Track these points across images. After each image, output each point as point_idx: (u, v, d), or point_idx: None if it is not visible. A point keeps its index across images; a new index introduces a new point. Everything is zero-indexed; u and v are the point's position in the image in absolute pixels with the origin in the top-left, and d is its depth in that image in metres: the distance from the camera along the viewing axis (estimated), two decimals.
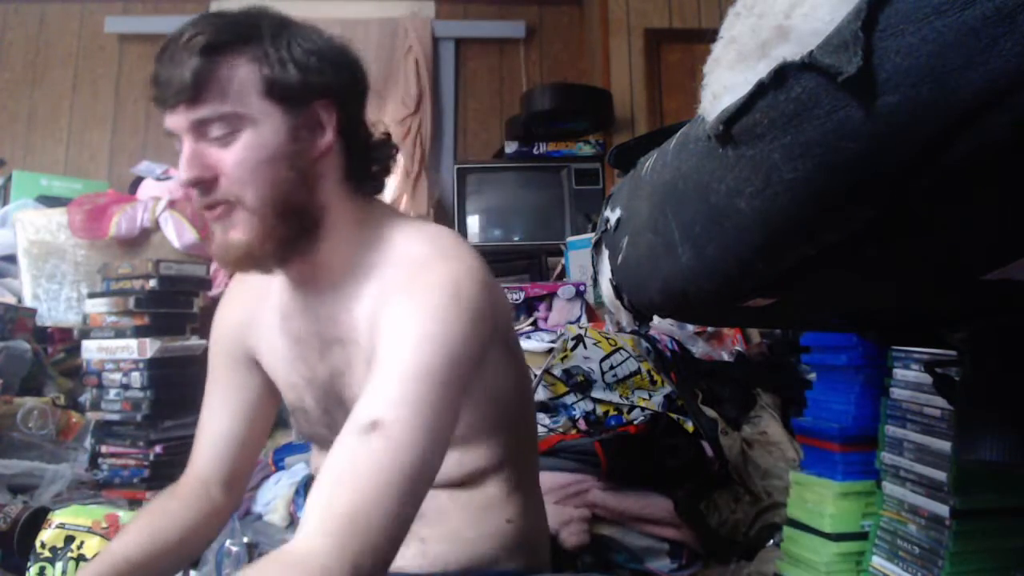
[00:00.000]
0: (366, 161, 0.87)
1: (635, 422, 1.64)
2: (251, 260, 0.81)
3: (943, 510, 0.93)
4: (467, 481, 0.91)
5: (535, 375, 1.70)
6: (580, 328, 1.89)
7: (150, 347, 1.74)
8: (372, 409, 0.70)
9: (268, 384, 0.99)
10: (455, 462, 0.89)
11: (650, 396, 1.75)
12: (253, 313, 0.97)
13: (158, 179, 2.54)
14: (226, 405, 0.99)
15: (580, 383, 1.74)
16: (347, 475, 0.67)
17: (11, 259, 2.35)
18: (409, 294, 0.78)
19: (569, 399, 1.72)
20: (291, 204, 0.80)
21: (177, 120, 0.78)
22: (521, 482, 0.96)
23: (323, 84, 0.81)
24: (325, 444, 0.90)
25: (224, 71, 0.77)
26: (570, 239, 2.69)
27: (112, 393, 1.74)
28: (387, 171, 0.90)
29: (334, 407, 0.91)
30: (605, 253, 0.63)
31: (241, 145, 0.78)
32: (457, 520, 0.91)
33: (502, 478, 0.93)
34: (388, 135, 0.90)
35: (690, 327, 2.08)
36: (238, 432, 0.99)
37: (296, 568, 0.62)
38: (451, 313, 0.75)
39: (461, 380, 0.75)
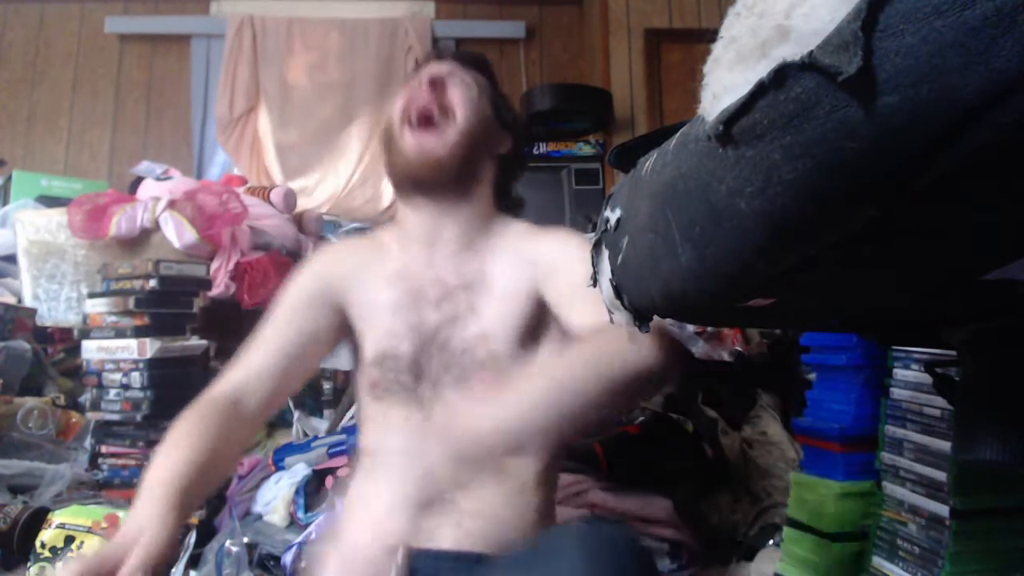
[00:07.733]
0: (509, 187, 1.17)
1: (635, 422, 1.64)
2: (443, 164, 1.04)
3: (943, 510, 0.93)
4: (513, 461, 0.94)
5: None
6: None
7: (150, 347, 1.74)
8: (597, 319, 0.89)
9: (336, 329, 1.08)
10: None
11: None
12: (356, 268, 1.09)
13: (158, 179, 2.53)
14: (282, 341, 1.04)
15: None
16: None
17: (11, 259, 2.36)
18: (561, 238, 1.08)
19: None
20: (478, 143, 1.07)
21: (443, 66, 1.10)
22: (549, 472, 1.00)
23: (510, 116, 1.15)
24: (398, 391, 1.01)
25: (483, 72, 1.14)
26: None
27: (112, 393, 1.74)
28: (520, 204, 1.19)
29: (432, 354, 1.01)
30: (605, 253, 0.63)
31: (474, 93, 1.09)
32: (497, 498, 0.94)
33: (538, 464, 0.98)
34: (521, 198, 1.21)
35: (690, 327, 2.07)
36: (287, 367, 1.04)
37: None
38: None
39: None
